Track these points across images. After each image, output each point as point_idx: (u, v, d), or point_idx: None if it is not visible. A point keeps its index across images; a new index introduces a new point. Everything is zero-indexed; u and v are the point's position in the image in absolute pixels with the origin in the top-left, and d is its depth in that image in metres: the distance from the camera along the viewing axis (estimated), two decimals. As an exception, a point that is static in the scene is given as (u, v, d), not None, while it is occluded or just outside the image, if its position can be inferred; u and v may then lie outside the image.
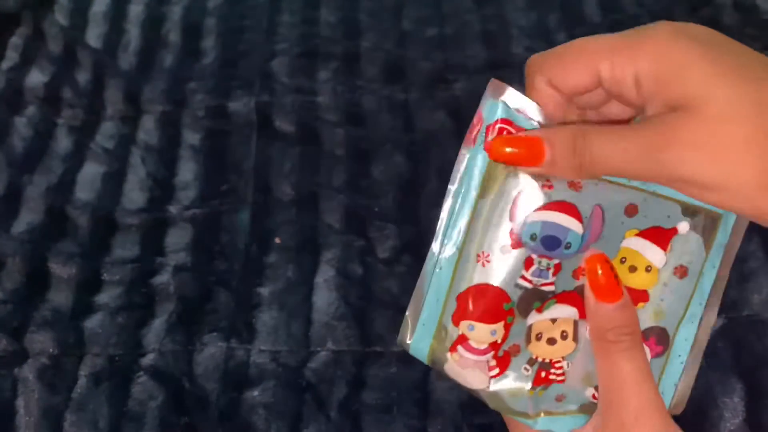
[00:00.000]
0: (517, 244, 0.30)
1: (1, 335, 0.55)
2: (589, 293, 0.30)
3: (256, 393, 0.54)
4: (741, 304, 0.55)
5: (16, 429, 0.52)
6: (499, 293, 0.31)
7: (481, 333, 0.31)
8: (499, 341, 0.31)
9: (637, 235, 0.31)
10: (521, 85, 0.32)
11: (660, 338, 0.32)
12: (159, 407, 0.53)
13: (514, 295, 0.31)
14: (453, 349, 0.31)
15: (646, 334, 0.32)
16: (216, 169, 0.66)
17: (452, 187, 0.31)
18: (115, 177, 0.65)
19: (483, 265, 0.31)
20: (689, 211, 0.31)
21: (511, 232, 0.30)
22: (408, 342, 0.32)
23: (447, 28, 0.74)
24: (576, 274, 0.31)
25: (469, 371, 0.31)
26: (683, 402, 0.33)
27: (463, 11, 0.75)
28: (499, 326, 0.31)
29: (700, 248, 0.32)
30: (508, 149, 0.28)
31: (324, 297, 0.57)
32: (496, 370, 0.32)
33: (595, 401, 0.32)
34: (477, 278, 0.31)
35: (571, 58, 0.28)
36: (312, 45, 0.73)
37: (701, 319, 0.32)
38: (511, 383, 0.32)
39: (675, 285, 0.32)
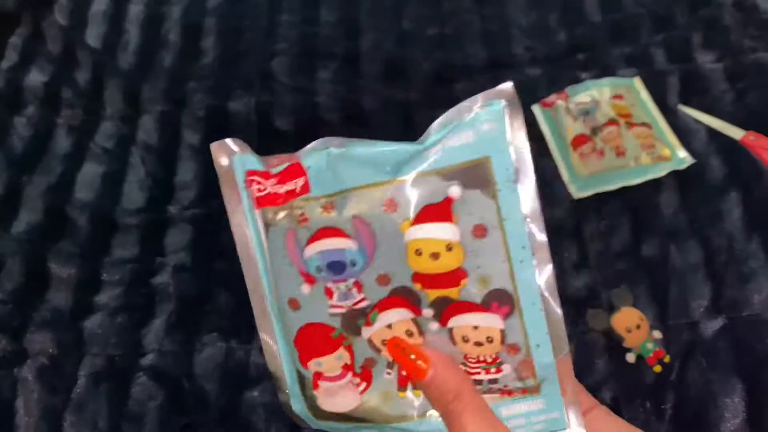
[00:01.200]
0: (311, 280, 0.31)
1: (1, 335, 0.55)
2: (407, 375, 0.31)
3: (255, 393, 0.54)
4: (741, 305, 0.55)
5: (16, 429, 0.52)
6: (322, 327, 0.31)
7: (330, 364, 0.32)
8: (349, 362, 0.32)
9: (413, 223, 0.30)
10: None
11: (501, 299, 0.31)
12: (159, 407, 0.53)
13: (335, 323, 0.31)
14: (315, 386, 0.32)
15: (486, 303, 0.30)
16: (215, 169, 0.65)
17: (242, 243, 0.32)
18: (115, 177, 0.65)
19: (296, 309, 0.32)
20: (449, 175, 0.30)
21: (301, 272, 0.31)
22: (287, 391, 0.33)
23: (447, 28, 0.74)
24: (381, 281, 0.31)
25: (338, 396, 0.32)
26: (565, 347, 0.31)
27: (463, 11, 0.75)
28: (340, 351, 0.32)
29: (484, 200, 0.30)
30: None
31: (324, 297, 0.57)
32: (363, 385, 0.32)
33: None
34: (299, 322, 0.32)
35: None
36: (312, 45, 0.73)
37: (533, 261, 0.30)
38: (380, 390, 0.32)
39: (480, 246, 0.30)
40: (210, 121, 0.68)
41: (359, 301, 0.31)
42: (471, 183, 0.30)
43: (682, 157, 0.62)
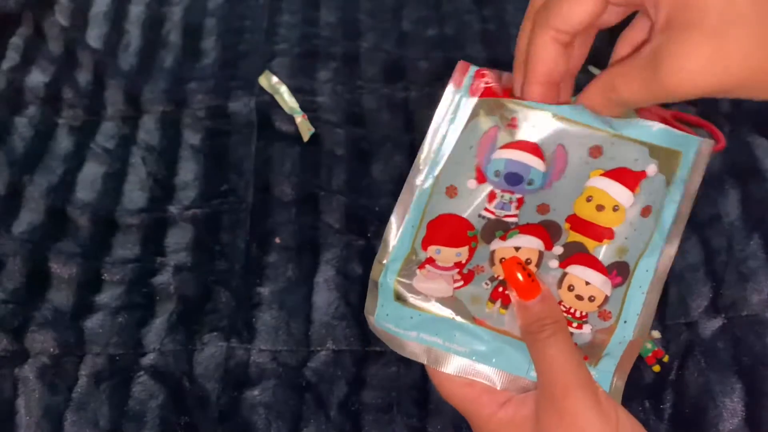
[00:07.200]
0: (482, 179, 0.34)
1: (2, 335, 0.56)
2: (512, 293, 0.33)
3: (256, 393, 0.54)
4: (741, 304, 0.55)
5: (17, 429, 0.52)
6: (464, 222, 0.34)
7: (447, 255, 0.34)
8: (464, 261, 0.35)
9: (603, 174, 0.33)
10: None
11: (621, 270, 0.34)
12: (159, 407, 0.53)
13: (478, 224, 0.34)
14: (422, 267, 0.35)
15: (609, 269, 0.34)
16: (216, 169, 0.66)
17: (436, 124, 0.35)
18: (116, 177, 0.66)
19: (451, 197, 0.34)
20: (655, 153, 0.33)
21: (478, 168, 0.34)
22: (384, 262, 0.35)
23: (447, 28, 0.74)
24: (541, 209, 0.34)
25: (435, 282, 0.35)
26: (645, 331, 0.34)
27: (463, 11, 0.75)
28: (463, 250, 0.34)
29: (663, 186, 0.33)
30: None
31: (324, 297, 0.57)
32: (460, 282, 0.35)
33: None
34: (446, 208, 0.34)
35: None
36: (312, 45, 0.73)
37: (662, 251, 0.34)
38: (472, 292, 0.35)
39: (640, 224, 0.33)
40: (210, 121, 0.69)
41: (510, 216, 0.34)
42: (663, 168, 0.33)
43: (682, 157, 0.62)
